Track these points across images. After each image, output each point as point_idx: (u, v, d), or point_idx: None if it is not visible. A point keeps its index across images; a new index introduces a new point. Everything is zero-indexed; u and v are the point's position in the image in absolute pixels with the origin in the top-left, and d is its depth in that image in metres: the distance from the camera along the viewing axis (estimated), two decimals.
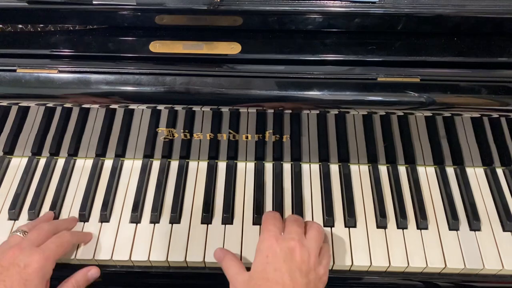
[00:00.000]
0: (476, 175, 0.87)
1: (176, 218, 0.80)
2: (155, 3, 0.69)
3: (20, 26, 0.74)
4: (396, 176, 0.86)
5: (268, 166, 0.87)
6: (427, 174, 0.87)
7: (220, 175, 0.86)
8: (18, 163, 0.88)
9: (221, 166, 0.87)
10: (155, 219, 0.80)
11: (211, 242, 0.77)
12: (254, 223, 0.80)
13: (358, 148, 0.84)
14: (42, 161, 0.88)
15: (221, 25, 0.72)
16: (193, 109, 0.75)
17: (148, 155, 0.87)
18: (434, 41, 0.73)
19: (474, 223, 0.79)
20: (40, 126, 0.81)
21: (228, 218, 0.80)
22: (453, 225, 0.79)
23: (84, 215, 0.80)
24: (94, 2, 0.68)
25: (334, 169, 0.87)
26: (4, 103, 0.74)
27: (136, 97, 0.71)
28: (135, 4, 0.68)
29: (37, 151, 0.87)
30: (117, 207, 0.82)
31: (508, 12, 0.70)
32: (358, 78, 0.71)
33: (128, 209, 0.81)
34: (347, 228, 0.79)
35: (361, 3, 0.70)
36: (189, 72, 0.71)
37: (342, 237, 0.78)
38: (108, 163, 0.87)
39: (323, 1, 0.70)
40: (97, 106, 0.74)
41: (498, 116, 0.74)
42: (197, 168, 0.87)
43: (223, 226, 0.79)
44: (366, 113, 0.74)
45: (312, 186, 0.85)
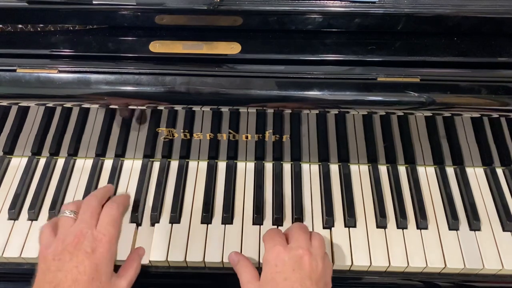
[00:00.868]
0: (476, 175, 0.87)
1: (176, 218, 0.80)
2: (155, 3, 0.69)
3: (20, 26, 0.74)
4: (396, 176, 0.86)
5: (268, 166, 0.87)
6: (427, 174, 0.87)
7: (220, 175, 0.86)
8: (18, 163, 0.87)
9: (221, 166, 0.87)
10: (155, 219, 0.80)
11: (211, 242, 0.77)
12: (254, 223, 0.80)
13: (358, 148, 0.84)
14: (42, 161, 0.88)
15: (221, 25, 0.72)
16: (193, 109, 0.75)
17: (148, 155, 0.87)
18: (434, 41, 0.73)
19: (474, 223, 0.79)
20: (40, 126, 0.81)
21: (228, 218, 0.80)
22: (453, 225, 0.79)
23: None
24: (94, 2, 0.68)
25: (334, 169, 0.87)
26: (4, 103, 0.74)
27: (136, 97, 0.71)
28: (135, 4, 0.68)
29: (37, 151, 0.87)
30: None
31: (508, 12, 0.70)
32: (358, 78, 0.71)
33: (128, 209, 0.81)
34: (347, 228, 0.79)
35: (361, 3, 0.70)
36: (189, 72, 0.71)
37: (342, 237, 0.78)
38: (108, 163, 0.87)
39: (323, 1, 0.70)
40: (97, 106, 0.74)
41: (498, 116, 0.74)
42: (197, 168, 0.87)
43: (223, 226, 0.79)
44: (366, 113, 0.74)
45: (312, 186, 0.85)
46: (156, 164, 0.87)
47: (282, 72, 0.71)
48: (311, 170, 0.87)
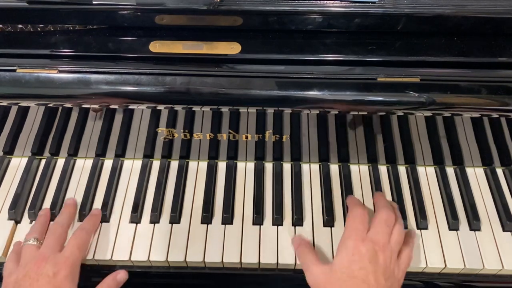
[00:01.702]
0: (476, 175, 0.87)
1: (176, 218, 0.80)
2: (155, 3, 0.69)
3: (20, 26, 0.74)
4: (396, 176, 0.86)
5: (268, 166, 0.87)
6: (427, 174, 0.87)
7: (220, 175, 0.86)
8: (18, 163, 0.87)
9: (221, 166, 0.87)
10: (155, 219, 0.80)
11: (211, 242, 0.77)
12: (254, 223, 0.80)
13: (358, 148, 0.84)
14: (42, 161, 0.88)
15: (221, 25, 0.72)
16: (193, 109, 0.75)
17: (148, 155, 0.87)
18: (434, 41, 0.73)
19: (474, 223, 0.79)
20: (40, 126, 0.81)
21: (228, 218, 0.80)
22: (453, 225, 0.79)
23: (84, 215, 0.80)
24: (94, 2, 0.68)
25: (334, 169, 0.87)
26: (4, 103, 0.73)
27: (136, 97, 0.71)
28: (135, 4, 0.68)
29: (37, 151, 0.87)
30: (117, 207, 0.82)
31: (508, 12, 0.70)
32: (358, 78, 0.71)
33: (128, 209, 0.81)
34: None
35: (361, 3, 0.70)
36: (189, 72, 0.71)
37: None
38: (108, 163, 0.87)
39: (323, 1, 0.70)
40: (97, 106, 0.74)
41: (498, 116, 0.74)
42: (197, 168, 0.87)
43: (223, 226, 0.79)
44: (366, 113, 0.74)
45: (312, 186, 0.85)
46: (156, 164, 0.87)
47: (282, 72, 0.71)
48: (311, 170, 0.87)
